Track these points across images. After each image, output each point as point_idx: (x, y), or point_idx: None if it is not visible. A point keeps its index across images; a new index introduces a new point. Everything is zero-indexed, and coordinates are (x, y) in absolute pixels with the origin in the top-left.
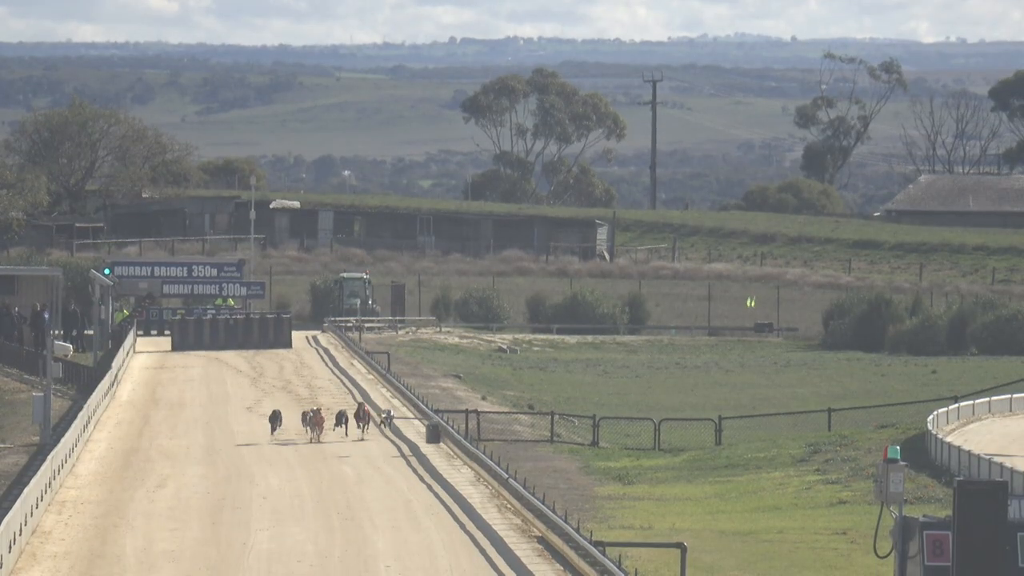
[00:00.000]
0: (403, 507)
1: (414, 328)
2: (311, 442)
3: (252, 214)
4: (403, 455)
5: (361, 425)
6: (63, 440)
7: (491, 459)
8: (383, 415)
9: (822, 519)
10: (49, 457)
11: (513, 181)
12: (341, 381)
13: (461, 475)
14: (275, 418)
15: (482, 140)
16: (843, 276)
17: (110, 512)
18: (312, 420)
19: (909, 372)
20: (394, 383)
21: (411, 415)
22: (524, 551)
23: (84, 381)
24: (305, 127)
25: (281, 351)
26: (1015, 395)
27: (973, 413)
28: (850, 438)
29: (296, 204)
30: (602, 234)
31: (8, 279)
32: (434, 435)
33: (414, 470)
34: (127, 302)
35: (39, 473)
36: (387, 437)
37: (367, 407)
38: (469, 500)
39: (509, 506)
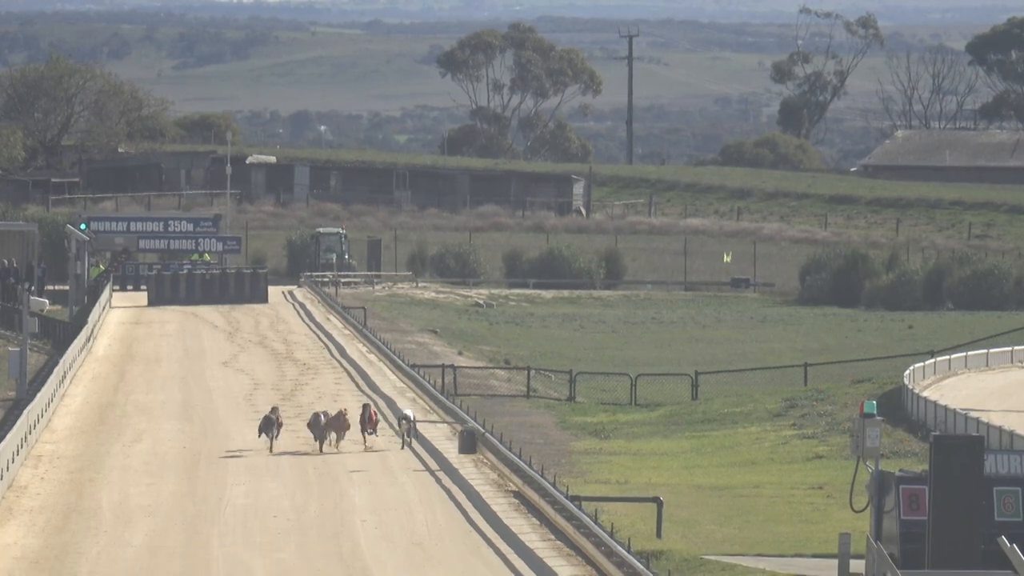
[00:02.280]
0: (379, 462)
1: (390, 283)
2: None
3: (228, 169)
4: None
5: (367, 431)
6: (39, 395)
7: (467, 414)
8: (401, 421)
9: (798, 474)
10: (25, 412)
11: (490, 136)
12: (317, 336)
13: (437, 430)
14: (269, 425)
15: (458, 95)
16: (819, 231)
17: (86, 466)
18: (326, 425)
19: (885, 327)
20: (370, 338)
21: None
22: (500, 505)
23: (60, 336)
24: (281, 82)
25: (257, 306)
26: (991, 350)
27: (949, 368)
28: (826, 393)
29: (272, 159)
30: (578, 189)
31: None
32: (469, 444)
33: (391, 425)
34: (103, 257)
35: (15, 428)
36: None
37: (373, 410)
38: (445, 455)
39: (485, 461)
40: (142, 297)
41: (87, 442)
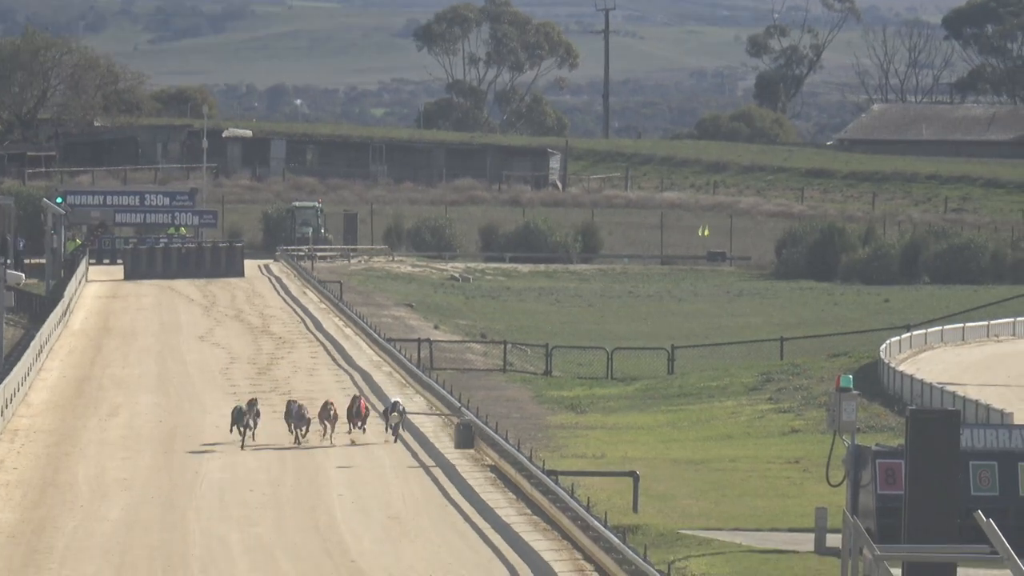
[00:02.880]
0: (358, 437)
1: (366, 257)
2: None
3: (204, 143)
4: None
5: (356, 424)
6: (15, 369)
7: (444, 388)
8: (391, 409)
9: (774, 448)
10: (1, 386)
11: (466, 110)
12: (293, 310)
13: (413, 404)
14: (241, 417)
15: (435, 69)
16: (796, 205)
17: (62, 440)
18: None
19: (861, 301)
20: (346, 312)
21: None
22: (477, 479)
23: (36, 310)
24: (257, 56)
25: (233, 280)
26: (967, 324)
27: (925, 342)
28: (802, 367)
29: (248, 133)
30: (555, 163)
31: None
32: (466, 438)
33: (367, 399)
34: (79, 231)
35: None
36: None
37: (364, 402)
38: (421, 429)
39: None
40: (118, 271)
41: (63, 416)
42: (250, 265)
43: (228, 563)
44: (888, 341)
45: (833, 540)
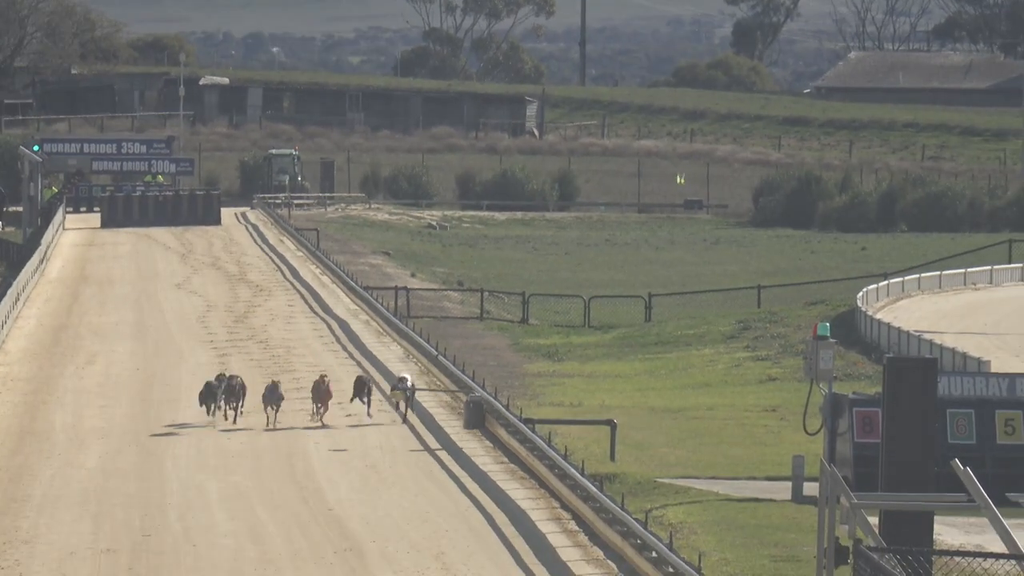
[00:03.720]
0: (336, 385)
1: (343, 205)
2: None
3: (181, 91)
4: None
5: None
6: None
7: (420, 336)
8: (399, 385)
9: (752, 396)
10: None
11: (443, 58)
12: (270, 258)
13: (391, 352)
14: (211, 394)
15: (412, 16)
16: (773, 153)
17: (40, 388)
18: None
19: (839, 249)
20: (323, 260)
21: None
22: (453, 428)
23: (13, 258)
24: (234, 3)
25: (210, 228)
26: (944, 272)
27: (903, 290)
28: (780, 315)
29: (225, 81)
30: (532, 111)
31: None
32: (476, 417)
33: (343, 347)
34: (56, 179)
35: None
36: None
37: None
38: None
39: (439, 383)
40: (95, 219)
41: (40, 364)
42: (227, 213)
43: (205, 511)
44: (865, 289)
45: (810, 488)
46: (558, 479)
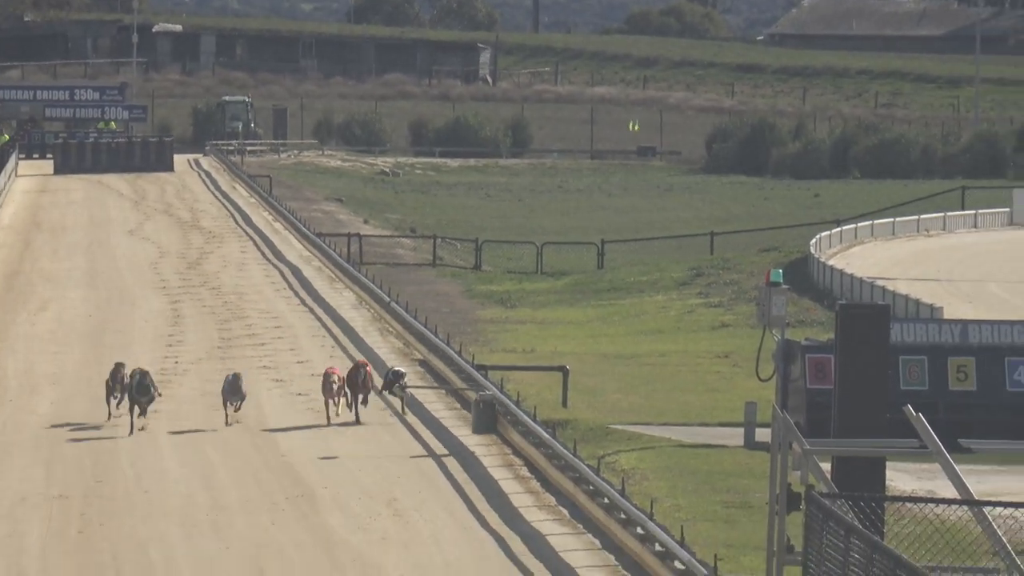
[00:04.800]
0: (288, 331)
1: (296, 151)
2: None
3: (134, 38)
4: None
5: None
6: None
7: (373, 282)
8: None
9: (704, 342)
10: None
11: (396, 5)
12: (223, 204)
13: (343, 298)
14: (116, 384)
15: None
16: (726, 100)
17: None
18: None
19: (792, 195)
20: (276, 206)
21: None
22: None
23: None
24: None
25: (163, 174)
26: (897, 219)
27: (855, 237)
28: (733, 261)
29: (178, 28)
30: (484, 58)
31: None
32: (486, 420)
33: (296, 293)
34: (9, 126)
35: None
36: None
37: (370, 368)
38: (351, 324)
39: (391, 330)
40: (48, 166)
41: None
42: (180, 160)
43: (156, 457)
44: (818, 236)
45: (762, 434)
46: (510, 425)
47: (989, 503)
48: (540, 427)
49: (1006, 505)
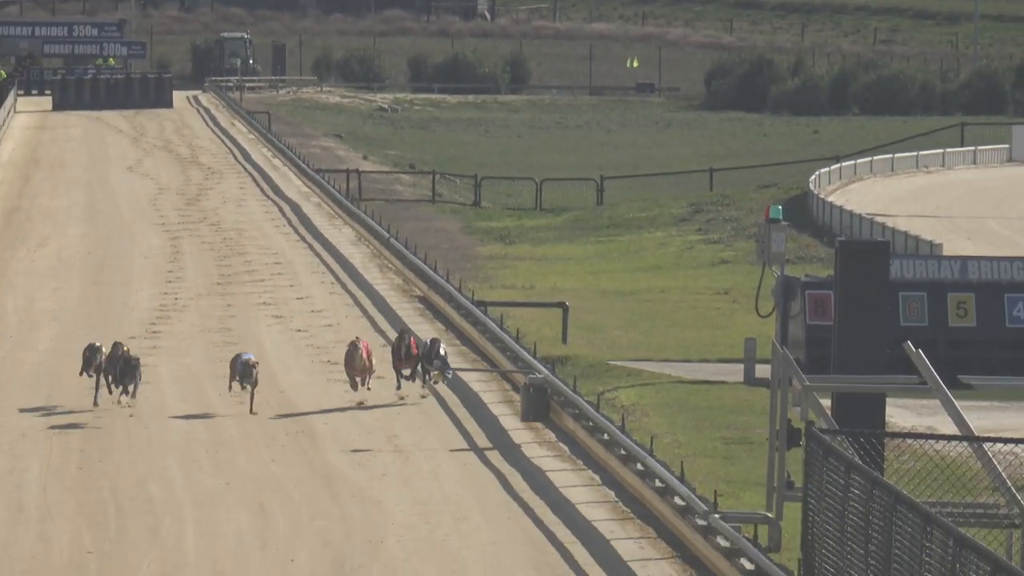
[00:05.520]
0: (287, 267)
1: (295, 88)
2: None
3: None
4: None
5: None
6: None
7: (372, 219)
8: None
9: (704, 278)
10: None
11: None
12: (222, 141)
13: (342, 235)
14: (93, 358)
15: None
16: (725, 36)
17: None
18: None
19: (791, 132)
20: (275, 143)
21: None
22: (406, 311)
23: None
24: None
25: (162, 111)
26: (897, 155)
27: (855, 173)
28: (732, 198)
29: None
30: None
31: None
32: (537, 407)
33: (295, 229)
34: (7, 62)
35: None
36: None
37: (412, 339)
38: (350, 260)
39: (391, 266)
40: (47, 102)
41: None
42: (179, 96)
43: (156, 392)
44: (817, 172)
45: (762, 370)
46: (510, 361)
47: (989, 439)
48: (540, 363)
49: (1006, 441)
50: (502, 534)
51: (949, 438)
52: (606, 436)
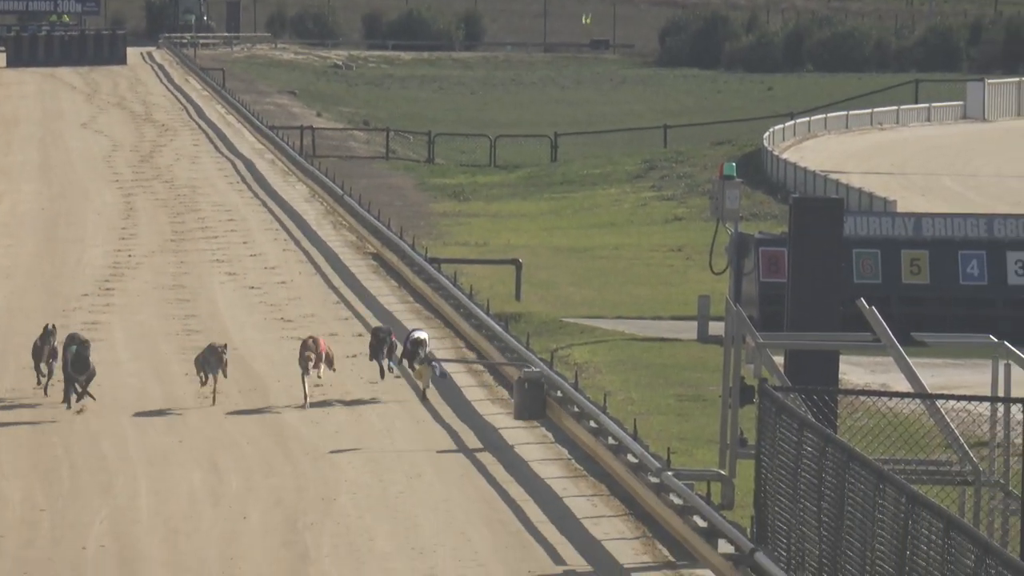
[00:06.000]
0: (240, 224)
1: (249, 45)
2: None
3: None
4: None
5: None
6: None
7: (326, 175)
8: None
9: (657, 235)
10: None
11: None
12: (176, 98)
13: (296, 191)
14: (44, 345)
15: None
16: None
17: None
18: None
19: (745, 89)
20: (229, 100)
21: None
22: (359, 268)
23: None
24: None
25: (116, 67)
26: (851, 112)
27: (809, 130)
28: (686, 154)
29: None
30: None
31: None
32: (531, 404)
33: (249, 186)
34: None
35: None
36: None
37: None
38: (304, 217)
39: (344, 223)
40: (0, 59)
41: None
42: (133, 53)
43: (109, 347)
44: (772, 129)
45: (716, 328)
46: (463, 318)
47: (942, 396)
48: (493, 320)
49: (959, 398)
50: (455, 491)
51: (902, 395)
52: (559, 393)
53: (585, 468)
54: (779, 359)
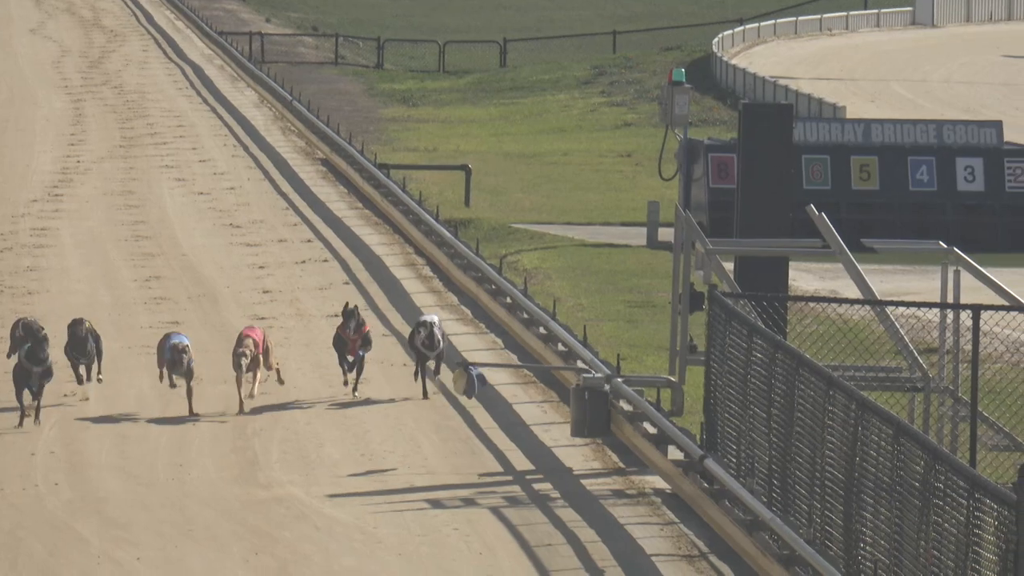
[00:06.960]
0: (190, 131)
1: None
2: None
3: None
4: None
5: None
6: None
7: (275, 81)
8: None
9: (607, 141)
10: None
11: None
12: (124, 3)
13: (244, 97)
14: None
15: None
16: None
17: None
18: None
19: None
20: (178, 5)
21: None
22: (308, 173)
23: None
24: None
25: None
26: (800, 17)
27: (758, 35)
28: (635, 60)
29: None
30: None
31: None
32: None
33: (198, 92)
34: None
35: None
36: None
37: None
38: (253, 123)
39: (293, 128)
40: None
41: None
42: None
43: (58, 253)
44: (721, 34)
45: (665, 234)
46: (412, 224)
47: (891, 303)
48: (442, 226)
49: (908, 304)
50: (405, 398)
51: (852, 302)
52: (508, 300)
53: (535, 375)
54: (729, 265)
